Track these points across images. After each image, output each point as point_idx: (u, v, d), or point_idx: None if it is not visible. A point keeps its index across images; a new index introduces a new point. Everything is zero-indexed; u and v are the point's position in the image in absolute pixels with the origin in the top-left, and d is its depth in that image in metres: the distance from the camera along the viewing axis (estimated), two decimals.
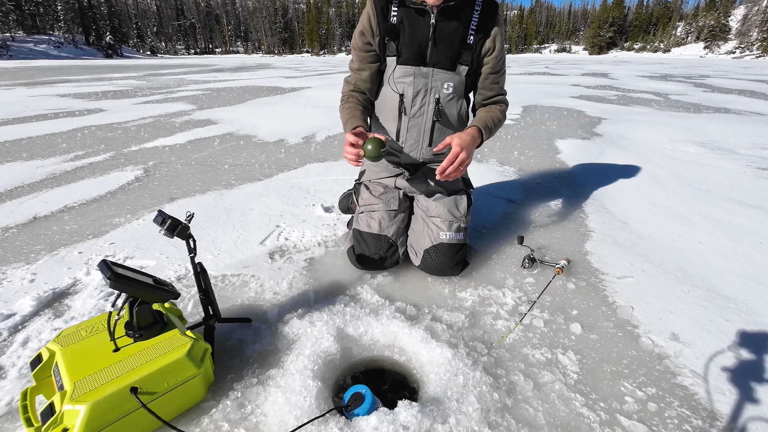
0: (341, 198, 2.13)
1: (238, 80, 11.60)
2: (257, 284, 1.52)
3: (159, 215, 1.00)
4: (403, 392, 1.07)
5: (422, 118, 1.50)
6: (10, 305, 1.38)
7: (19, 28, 58.07)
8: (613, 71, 16.66)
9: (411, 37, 1.40)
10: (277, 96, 7.72)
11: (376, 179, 1.68)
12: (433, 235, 1.51)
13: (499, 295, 1.46)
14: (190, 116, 5.33)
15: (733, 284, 1.57)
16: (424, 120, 1.51)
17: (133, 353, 0.92)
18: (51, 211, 2.20)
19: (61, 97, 7.39)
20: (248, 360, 1.14)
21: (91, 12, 69.18)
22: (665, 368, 1.14)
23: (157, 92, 8.33)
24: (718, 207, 2.35)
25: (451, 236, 1.50)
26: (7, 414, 0.97)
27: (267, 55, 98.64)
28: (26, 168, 2.99)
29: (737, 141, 4.07)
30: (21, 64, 26.41)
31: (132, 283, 0.92)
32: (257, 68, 19.60)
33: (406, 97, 1.47)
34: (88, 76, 13.49)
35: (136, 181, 2.71)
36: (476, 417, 0.95)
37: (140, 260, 1.70)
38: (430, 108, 1.48)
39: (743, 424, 0.97)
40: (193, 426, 0.94)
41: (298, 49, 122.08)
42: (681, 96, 8.03)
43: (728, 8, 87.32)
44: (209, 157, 3.35)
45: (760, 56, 66.77)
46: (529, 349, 1.19)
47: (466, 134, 1.38)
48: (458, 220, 1.54)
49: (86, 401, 0.79)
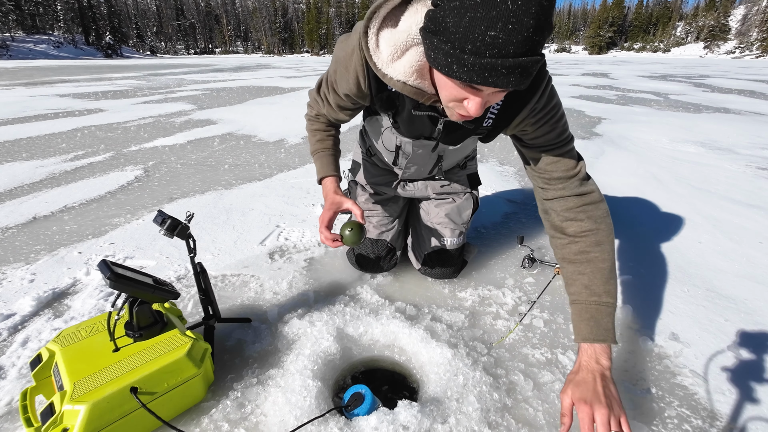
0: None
1: (237, 80, 11.60)
2: (257, 284, 1.52)
3: (159, 215, 1.00)
4: (403, 392, 1.07)
5: (425, 158, 1.29)
6: (9, 305, 1.38)
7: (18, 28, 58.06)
8: (613, 71, 16.66)
9: (410, 124, 1.08)
10: (277, 96, 7.72)
11: (373, 183, 1.56)
12: (434, 241, 1.50)
13: (499, 295, 1.46)
14: (189, 116, 5.33)
15: (733, 284, 1.57)
16: (427, 159, 1.30)
17: (133, 353, 0.92)
18: (51, 211, 2.20)
19: (61, 97, 7.39)
20: (248, 360, 1.14)
21: (91, 12, 69.17)
22: (665, 368, 1.14)
23: (157, 92, 8.32)
24: (718, 207, 2.35)
25: (452, 242, 1.49)
26: (7, 414, 0.97)
27: (267, 55, 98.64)
28: (26, 168, 2.98)
29: (737, 141, 4.07)
30: (21, 64, 26.41)
31: (132, 283, 0.92)
32: (257, 68, 19.59)
33: (404, 149, 1.26)
34: (88, 76, 13.48)
35: (135, 181, 2.71)
36: (476, 417, 0.95)
37: (140, 260, 1.70)
38: (434, 155, 1.28)
39: (743, 424, 0.97)
40: (193, 426, 0.94)
41: (298, 49, 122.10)
42: (681, 96, 8.03)
43: (728, 8, 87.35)
44: (209, 157, 3.35)
45: (760, 56, 66.79)
46: (529, 349, 1.19)
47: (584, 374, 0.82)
48: (460, 227, 1.50)
49: (86, 401, 0.79)
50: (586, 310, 0.89)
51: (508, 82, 0.63)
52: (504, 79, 0.62)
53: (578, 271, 0.93)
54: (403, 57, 0.82)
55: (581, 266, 0.92)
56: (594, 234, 0.93)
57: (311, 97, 1.21)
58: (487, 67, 0.60)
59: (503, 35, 0.57)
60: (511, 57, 0.59)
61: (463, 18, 0.58)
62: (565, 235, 0.97)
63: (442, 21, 0.61)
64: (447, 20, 0.60)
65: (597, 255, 0.91)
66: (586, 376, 0.81)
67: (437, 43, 0.64)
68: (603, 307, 0.88)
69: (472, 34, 0.58)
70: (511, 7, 0.54)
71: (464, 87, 0.69)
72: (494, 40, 0.57)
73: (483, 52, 0.59)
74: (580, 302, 0.91)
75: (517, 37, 0.57)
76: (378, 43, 0.83)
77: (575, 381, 0.82)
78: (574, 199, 0.96)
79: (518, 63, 0.60)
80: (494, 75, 0.61)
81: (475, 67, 0.61)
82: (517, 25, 0.56)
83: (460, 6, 0.58)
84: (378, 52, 0.84)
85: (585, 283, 0.91)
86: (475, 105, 0.71)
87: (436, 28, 0.64)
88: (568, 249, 0.96)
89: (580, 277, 0.92)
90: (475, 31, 0.57)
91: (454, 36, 0.60)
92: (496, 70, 0.60)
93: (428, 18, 0.66)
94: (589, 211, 0.95)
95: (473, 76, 0.62)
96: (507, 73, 0.61)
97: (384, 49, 0.83)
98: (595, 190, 0.96)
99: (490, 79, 0.62)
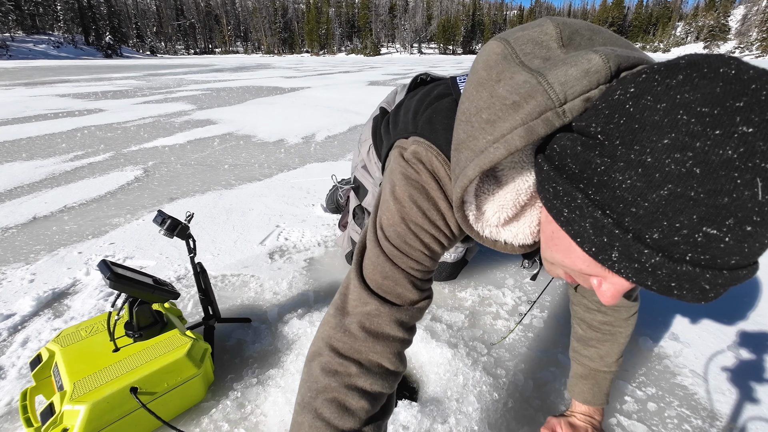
0: (327, 198, 2.07)
1: (237, 80, 11.60)
2: (257, 284, 1.52)
3: (159, 215, 1.00)
4: (403, 392, 1.07)
5: None
6: (9, 305, 1.38)
7: (18, 28, 58.07)
8: None
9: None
10: (276, 96, 7.72)
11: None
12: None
13: (499, 295, 1.46)
14: (189, 116, 5.33)
15: None
16: None
17: (133, 353, 0.92)
18: (51, 211, 2.20)
19: (61, 97, 7.39)
20: (248, 360, 1.14)
21: (91, 12, 69.19)
22: (665, 368, 1.14)
23: (157, 92, 8.32)
24: None
25: (455, 257, 1.47)
26: (7, 414, 0.97)
27: (267, 55, 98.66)
28: (26, 168, 2.98)
29: None
30: (20, 64, 26.40)
31: (132, 283, 0.92)
32: (257, 68, 19.59)
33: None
34: (88, 76, 13.48)
35: (135, 181, 2.71)
36: (476, 417, 0.95)
37: (140, 260, 1.70)
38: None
39: (743, 424, 0.97)
40: (193, 426, 0.94)
41: (298, 49, 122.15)
42: None
43: (728, 8, 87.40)
44: (209, 157, 3.35)
45: (760, 56, 66.82)
46: (529, 349, 1.19)
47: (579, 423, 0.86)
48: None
49: (86, 401, 0.79)
50: (592, 376, 0.87)
51: (704, 299, 0.37)
52: (699, 295, 0.36)
53: (598, 339, 0.85)
54: (521, 220, 0.55)
55: (603, 338, 0.85)
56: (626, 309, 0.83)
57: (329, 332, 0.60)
58: (677, 275, 0.35)
59: (731, 239, 0.32)
60: (728, 269, 0.34)
61: (655, 189, 0.33)
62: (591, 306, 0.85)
63: (605, 173, 0.36)
64: (615, 176, 0.35)
65: (623, 330, 0.84)
66: (580, 424, 0.85)
67: (581, 202, 0.38)
68: (609, 374, 0.86)
69: (670, 221, 0.33)
70: (760, 199, 0.30)
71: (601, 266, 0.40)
72: (709, 242, 0.32)
73: (683, 253, 0.33)
74: (588, 367, 0.87)
75: (753, 245, 0.32)
76: (479, 205, 0.54)
77: (570, 421, 0.85)
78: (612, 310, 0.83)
79: (735, 277, 0.35)
80: (686, 288, 0.36)
81: (656, 272, 0.35)
82: (762, 227, 0.31)
83: (652, 165, 0.33)
84: (482, 219, 0.55)
85: (601, 353, 0.85)
86: (615, 293, 0.44)
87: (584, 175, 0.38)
88: (593, 316, 0.85)
89: (598, 346, 0.86)
90: (676, 219, 0.32)
91: (626, 207, 0.35)
92: (692, 281, 0.35)
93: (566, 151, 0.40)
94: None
95: (647, 280, 0.36)
96: (709, 288, 0.35)
97: (490, 213, 0.54)
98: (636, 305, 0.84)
99: (677, 290, 0.36)
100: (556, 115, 0.41)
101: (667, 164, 0.32)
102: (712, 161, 0.30)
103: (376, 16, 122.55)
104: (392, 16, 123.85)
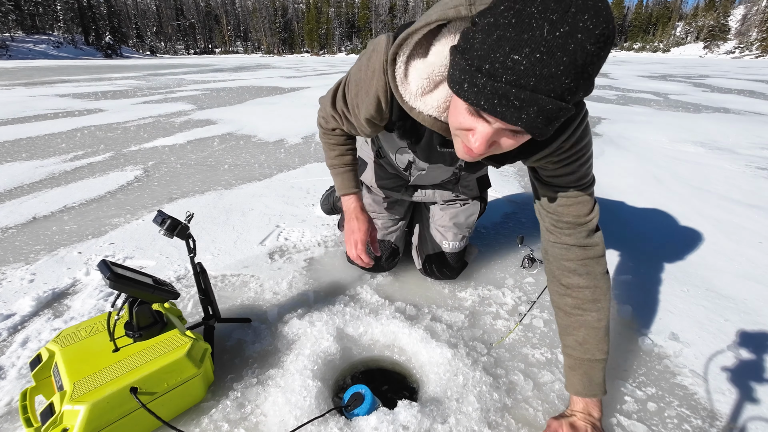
0: (322, 200, 2.03)
1: (237, 80, 11.60)
2: (257, 284, 1.52)
3: (159, 215, 1.00)
4: (403, 392, 1.07)
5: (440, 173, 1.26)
6: (9, 305, 1.38)
7: (18, 28, 58.06)
8: (613, 71, 16.66)
9: (429, 153, 1.04)
10: (276, 96, 7.72)
11: (382, 186, 1.49)
12: (436, 244, 1.50)
13: (498, 295, 1.46)
14: (189, 116, 5.33)
15: (733, 284, 1.57)
16: (442, 174, 1.27)
17: (133, 353, 0.92)
18: (50, 211, 2.20)
19: (61, 97, 7.38)
20: (248, 360, 1.14)
21: (91, 12, 69.19)
22: (665, 368, 1.14)
23: (157, 92, 8.32)
24: (718, 207, 2.35)
25: (453, 246, 1.48)
26: (7, 414, 0.97)
27: (266, 55, 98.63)
28: (26, 168, 2.98)
29: (737, 141, 4.08)
30: (20, 64, 26.40)
31: (132, 283, 0.92)
32: (257, 68, 19.59)
33: (418, 165, 1.23)
34: (88, 76, 13.48)
35: (135, 181, 2.71)
36: (476, 417, 0.95)
37: (140, 260, 1.70)
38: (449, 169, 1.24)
39: (743, 423, 0.97)
40: (193, 426, 0.94)
41: (298, 49, 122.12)
42: (680, 96, 8.03)
43: (728, 8, 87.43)
44: (209, 157, 3.35)
45: (760, 56, 66.84)
46: (529, 349, 1.19)
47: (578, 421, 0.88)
48: (463, 231, 1.49)
49: (86, 401, 0.79)
50: (579, 366, 0.91)
51: (518, 118, 0.54)
52: (514, 113, 0.53)
53: (572, 326, 0.92)
54: (435, 91, 0.73)
55: (576, 322, 0.91)
56: (592, 291, 0.90)
57: (325, 111, 1.08)
58: (498, 93, 0.52)
59: (527, 62, 0.49)
60: (529, 90, 0.51)
61: (490, 36, 0.52)
62: (562, 285, 0.93)
63: (471, 38, 0.56)
64: (476, 37, 0.55)
65: (593, 314, 0.90)
66: (580, 424, 0.87)
67: (458, 59, 0.57)
68: (596, 363, 0.90)
69: (494, 54, 0.51)
70: (546, 35, 0.48)
71: (474, 115, 0.61)
72: (515, 65, 0.50)
73: (500, 75, 0.51)
74: (573, 357, 0.92)
75: (542, 70, 0.49)
76: (407, 74, 0.74)
77: (570, 421, 0.87)
78: (576, 250, 0.89)
79: (535, 99, 0.51)
80: (504, 104, 0.53)
81: (485, 90, 0.53)
82: (546, 56, 0.49)
83: (492, 23, 0.52)
84: (406, 84, 0.74)
85: (579, 340, 0.91)
86: (480, 138, 0.62)
87: (464, 45, 0.57)
88: (563, 300, 0.93)
89: (574, 333, 0.91)
90: (498, 51, 0.51)
91: (476, 53, 0.54)
92: (507, 99, 0.52)
93: (461, 35, 0.60)
94: (590, 266, 0.90)
95: (480, 99, 0.55)
96: (519, 106, 0.52)
97: (413, 81, 0.73)
98: (599, 244, 0.91)
99: (499, 107, 0.54)
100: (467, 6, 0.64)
101: (500, 21, 0.51)
102: (523, 14, 0.49)
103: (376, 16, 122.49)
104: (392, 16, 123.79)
